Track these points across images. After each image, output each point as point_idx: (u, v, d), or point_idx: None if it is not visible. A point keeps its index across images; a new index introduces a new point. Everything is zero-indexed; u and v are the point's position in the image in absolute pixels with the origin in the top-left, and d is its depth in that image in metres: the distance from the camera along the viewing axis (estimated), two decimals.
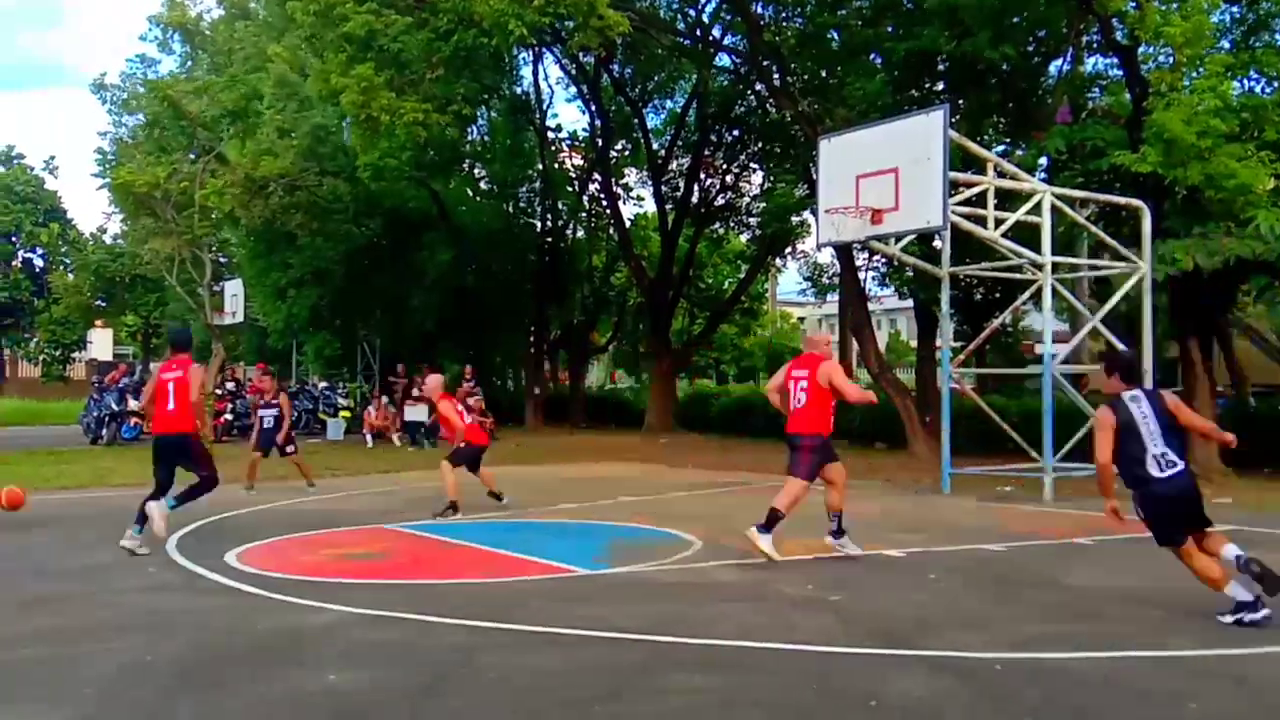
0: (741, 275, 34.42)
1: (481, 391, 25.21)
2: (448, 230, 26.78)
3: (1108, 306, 13.62)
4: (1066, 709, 4.57)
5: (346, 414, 26.11)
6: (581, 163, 30.53)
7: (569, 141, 30.47)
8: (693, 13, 23.84)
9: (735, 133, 27.38)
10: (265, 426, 13.65)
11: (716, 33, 24.02)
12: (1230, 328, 20.06)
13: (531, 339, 30.48)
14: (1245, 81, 14.33)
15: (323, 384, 28.92)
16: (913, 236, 13.71)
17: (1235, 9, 15.05)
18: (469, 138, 28.60)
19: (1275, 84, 14.02)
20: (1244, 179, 12.17)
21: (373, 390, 26.93)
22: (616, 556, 8.42)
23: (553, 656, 5.48)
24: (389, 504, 12.08)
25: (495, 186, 30.06)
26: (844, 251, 18.96)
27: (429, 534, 9.79)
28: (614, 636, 5.81)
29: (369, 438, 22.65)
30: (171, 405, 8.57)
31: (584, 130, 30.41)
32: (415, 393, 22.88)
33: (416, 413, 22.09)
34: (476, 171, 30.79)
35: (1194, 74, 12.95)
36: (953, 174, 11.94)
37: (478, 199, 30.24)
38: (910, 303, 23.89)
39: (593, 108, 27.61)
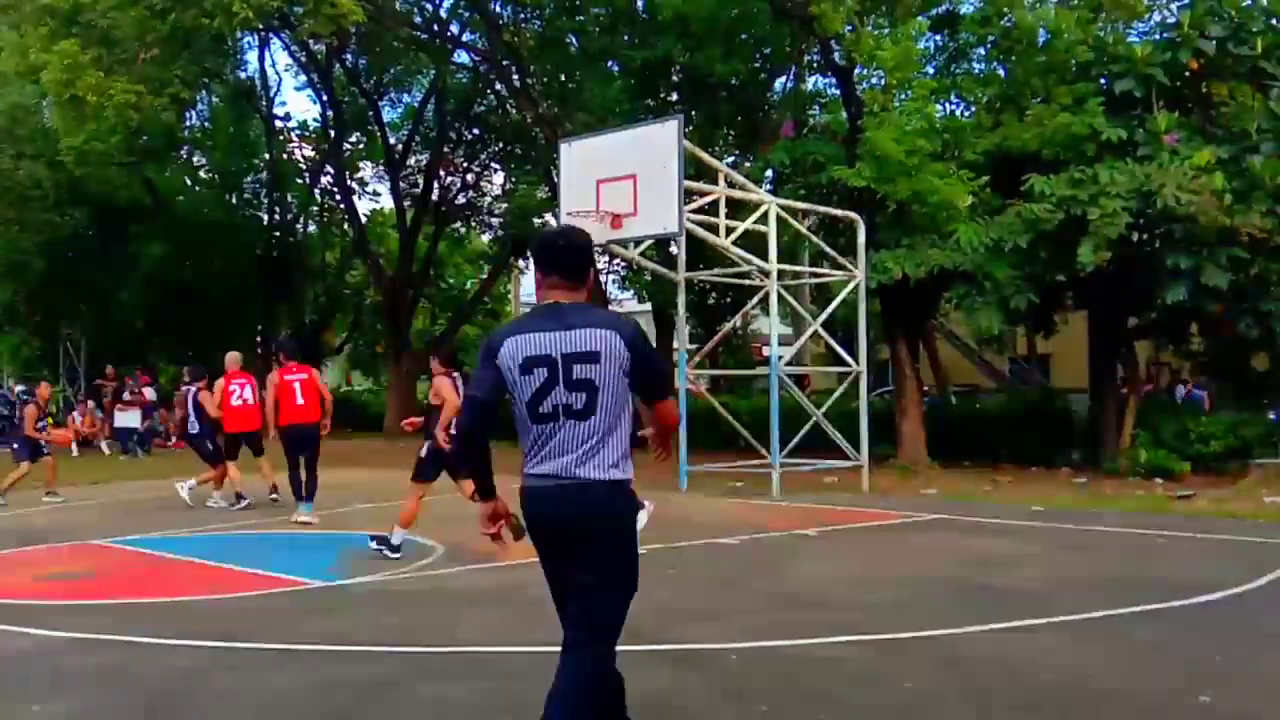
0: (484, 275, 34.19)
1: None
2: (163, 221, 25.01)
3: (827, 312, 14.50)
4: (797, 694, 4.82)
5: (48, 420, 23.81)
6: (312, 154, 29.35)
7: (299, 131, 29.17)
8: (430, 7, 23.46)
9: (475, 131, 27.15)
10: None
11: (455, 29, 23.74)
12: (934, 332, 21.95)
13: (259, 338, 28.95)
14: (947, 105, 15.71)
15: (20, 387, 26.26)
16: (651, 241, 14.09)
17: (939, 37, 16.47)
18: (188, 123, 26.94)
19: (973, 108, 15.42)
20: (946, 195, 13.34)
21: (78, 394, 24.73)
22: (353, 567, 8.12)
23: (287, 675, 5.20)
24: (98, 517, 11.12)
25: (217, 176, 28.45)
26: None
27: (143, 549, 9.08)
28: (354, 650, 5.60)
29: (74, 446, 20.76)
30: (301, 400, 10.91)
31: (315, 120, 29.25)
32: (126, 396, 21.23)
33: (128, 418, 20.49)
34: (196, 159, 29.01)
35: (903, 96, 14.07)
36: (687, 182, 12.34)
37: (197, 189, 28.53)
38: (649, 306, 24.55)
39: (324, 97, 26.62)
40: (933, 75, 15.56)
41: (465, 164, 28.23)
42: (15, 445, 13.05)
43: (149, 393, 21.72)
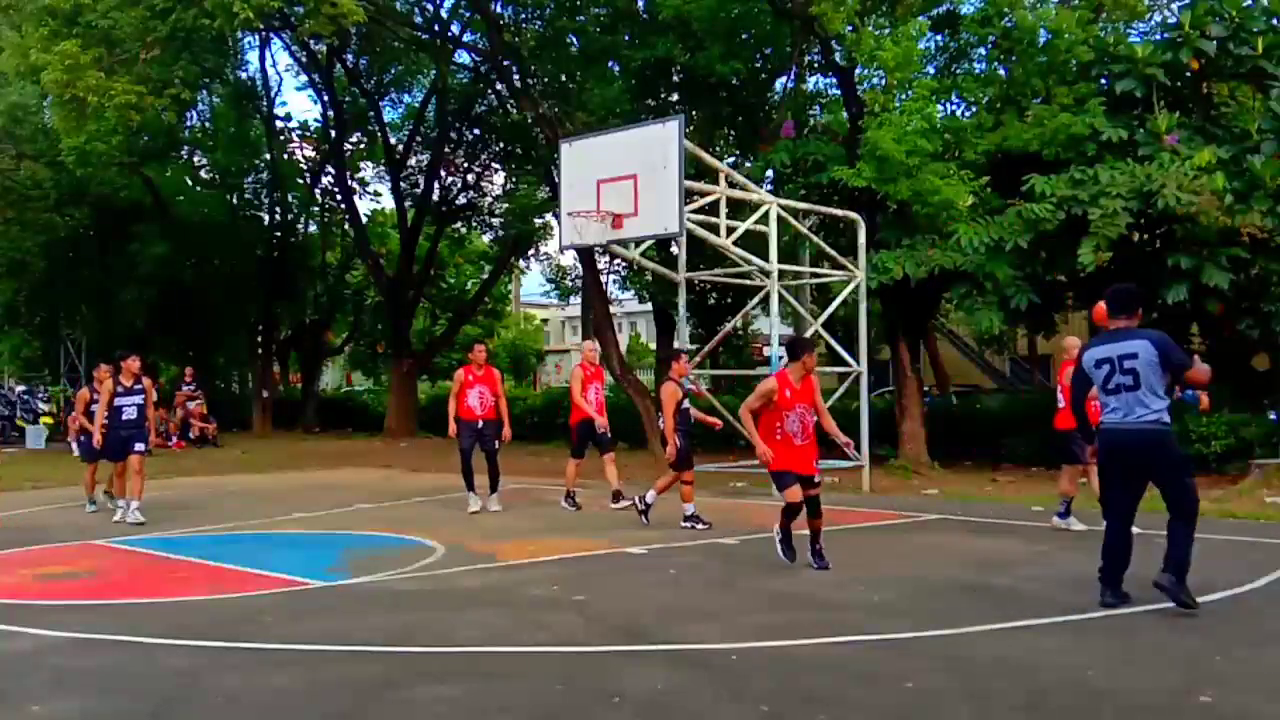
0: (484, 276, 34.16)
1: (203, 395, 23.77)
2: (163, 221, 25.01)
3: (828, 312, 14.50)
4: (797, 694, 4.82)
5: (48, 419, 23.87)
6: (313, 154, 29.34)
7: (300, 132, 29.10)
8: (431, 7, 23.45)
9: (476, 131, 27.10)
10: None
11: (456, 29, 23.74)
12: (935, 332, 21.96)
13: (259, 338, 28.97)
14: (948, 105, 15.70)
15: (20, 387, 26.31)
16: (651, 241, 14.08)
17: (940, 37, 16.46)
18: (188, 123, 26.97)
19: (974, 108, 15.41)
20: (947, 195, 13.33)
21: (78, 394, 24.76)
22: (354, 566, 8.12)
23: (288, 675, 5.20)
24: (99, 517, 11.12)
25: (218, 176, 28.39)
26: (586, 254, 19.21)
27: (145, 549, 9.09)
28: (354, 650, 5.60)
29: (74, 446, 20.75)
30: (490, 403, 11.38)
31: (316, 120, 29.25)
32: None
33: None
34: (197, 159, 29.00)
35: (903, 96, 14.05)
36: (688, 183, 12.34)
37: (198, 189, 28.50)
38: (650, 306, 24.55)
39: (325, 98, 26.60)
40: (933, 75, 15.55)
41: (466, 164, 28.20)
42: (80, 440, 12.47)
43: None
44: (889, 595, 6.94)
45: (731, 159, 20.01)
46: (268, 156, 27.79)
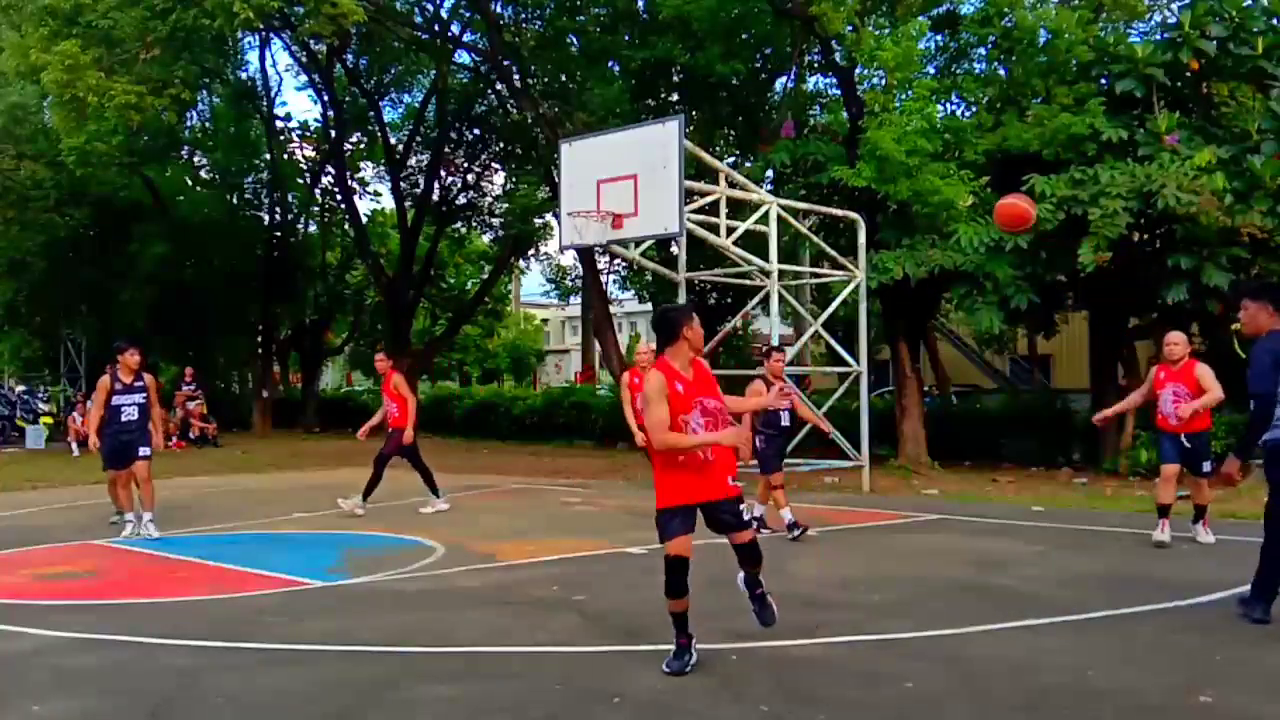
0: (484, 276, 34.17)
1: (203, 395, 23.77)
2: (163, 221, 25.01)
3: (828, 312, 14.50)
4: (798, 694, 4.82)
5: (48, 420, 23.87)
6: (313, 154, 29.35)
7: (299, 131, 29.15)
8: (431, 7, 23.46)
9: (476, 131, 27.14)
10: None
11: (455, 29, 23.74)
12: (935, 332, 21.94)
13: (259, 338, 28.97)
14: (948, 105, 15.70)
15: (20, 387, 26.30)
16: (651, 241, 14.08)
17: (940, 37, 16.46)
18: (188, 123, 26.93)
19: (974, 108, 15.41)
20: (947, 195, 13.32)
21: (78, 394, 24.75)
22: (354, 566, 8.13)
23: (288, 675, 5.21)
24: (99, 517, 11.11)
25: (218, 176, 28.41)
26: (586, 254, 19.22)
27: (144, 549, 9.09)
28: (354, 650, 5.60)
29: (74, 446, 20.77)
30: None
31: (316, 120, 29.26)
32: None
33: None
34: (197, 159, 29.00)
35: (903, 96, 14.05)
36: (688, 182, 12.35)
37: (198, 189, 28.49)
38: (650, 306, 24.53)
39: (325, 98, 26.61)
40: (933, 75, 15.55)
41: (466, 164, 28.24)
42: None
43: None
44: (889, 595, 6.94)
45: (731, 159, 20.01)
46: (268, 156, 27.81)
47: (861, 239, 14.08)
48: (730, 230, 13.01)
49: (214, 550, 8.97)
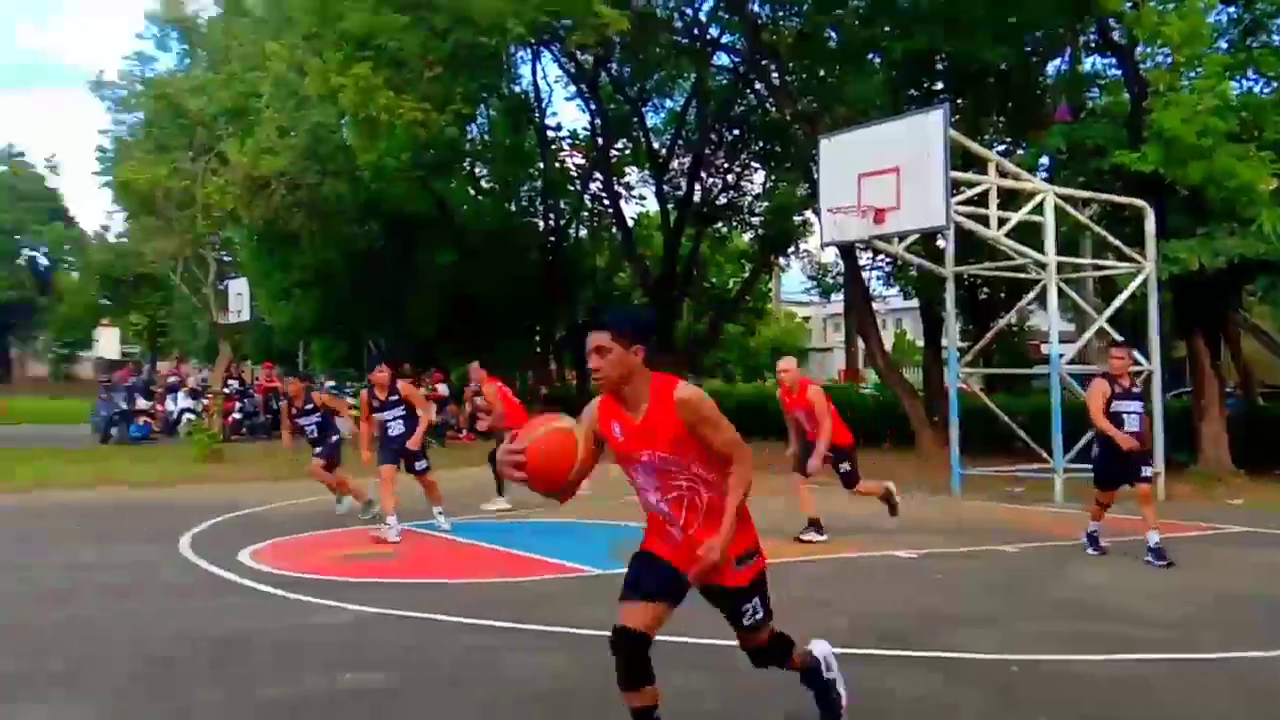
0: (745, 274, 34.46)
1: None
2: (449, 231, 26.80)
3: (1114, 306, 13.67)
4: (1076, 711, 4.63)
5: (355, 413, 26.13)
6: (582, 162, 30.57)
7: (569, 140, 30.48)
8: (690, 12, 23.89)
9: (735, 132, 27.40)
10: (312, 436, 11.28)
11: (714, 32, 24.08)
12: (1237, 327, 20.11)
13: (537, 339, 30.55)
14: (1244, 82, 14.36)
15: (329, 382, 28.96)
16: (916, 236, 13.76)
17: (1232, 10, 15.07)
18: (469, 137, 28.62)
19: (1274, 84, 14.04)
20: (1245, 178, 12.19)
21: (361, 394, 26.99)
22: (625, 557, 8.42)
23: (564, 657, 5.53)
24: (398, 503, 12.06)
25: (496, 186, 30.09)
26: (848, 251, 19.01)
27: (438, 534, 9.84)
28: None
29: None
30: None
31: (584, 129, 30.47)
32: (423, 392, 22.95)
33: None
34: (477, 170, 30.82)
35: (1192, 74, 12.99)
36: (954, 173, 11.99)
37: (479, 199, 30.26)
38: (915, 302, 23.93)
39: (592, 106, 27.65)
40: (1226, 50, 14.26)
41: (726, 164, 28.57)
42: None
43: (442, 389, 23.43)
44: (1182, 611, 6.50)
45: (1001, 147, 19.19)
46: (540, 165, 29.20)
47: (1150, 227, 13.17)
48: (1002, 221, 12.53)
49: (500, 536, 9.63)
